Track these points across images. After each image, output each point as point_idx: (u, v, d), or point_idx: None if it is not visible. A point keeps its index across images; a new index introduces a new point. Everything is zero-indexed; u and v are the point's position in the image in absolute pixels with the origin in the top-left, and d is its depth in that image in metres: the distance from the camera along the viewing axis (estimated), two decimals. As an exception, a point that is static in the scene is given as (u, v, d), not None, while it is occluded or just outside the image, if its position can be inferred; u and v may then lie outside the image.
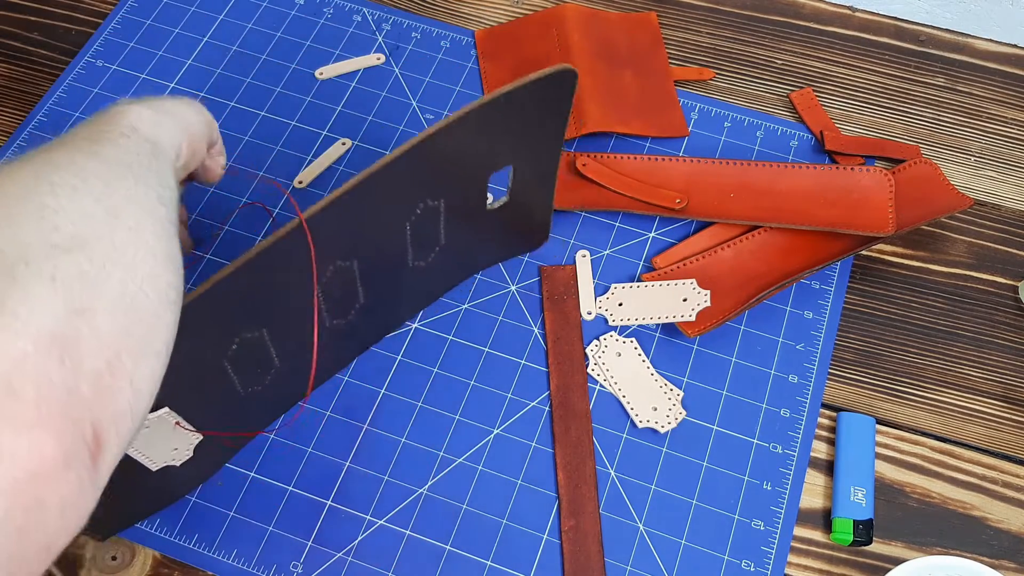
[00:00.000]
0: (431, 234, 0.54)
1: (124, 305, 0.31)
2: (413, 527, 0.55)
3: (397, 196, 0.48)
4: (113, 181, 0.33)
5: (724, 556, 0.54)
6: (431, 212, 0.52)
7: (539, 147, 0.53)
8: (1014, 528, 0.56)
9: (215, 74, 0.70)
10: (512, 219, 0.58)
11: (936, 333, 0.62)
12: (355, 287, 0.52)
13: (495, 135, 0.49)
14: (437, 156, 0.47)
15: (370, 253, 0.51)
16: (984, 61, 0.72)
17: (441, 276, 0.60)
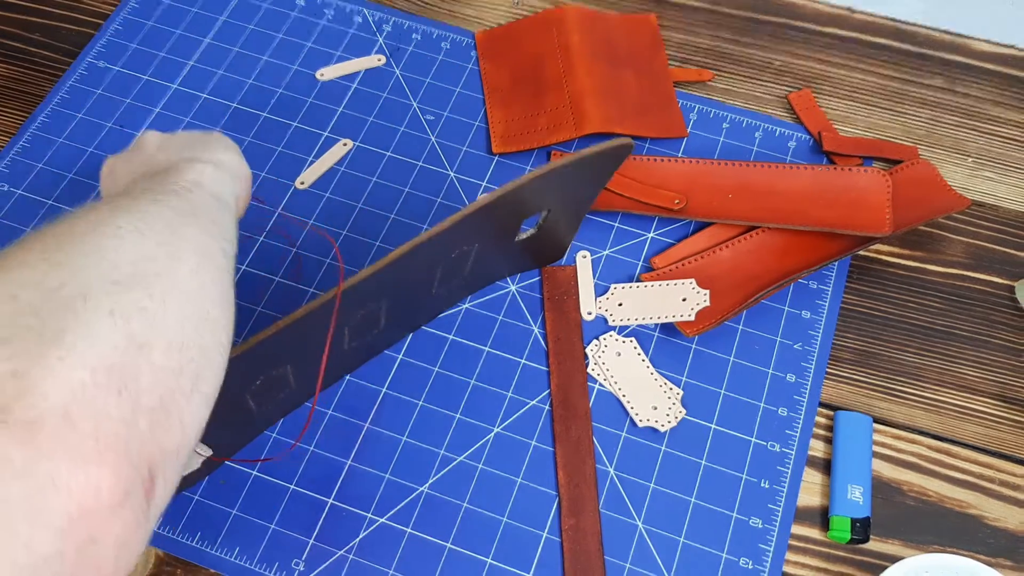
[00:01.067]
0: (458, 270, 0.55)
1: (180, 344, 0.30)
2: (414, 525, 0.55)
3: (438, 254, 0.49)
4: (179, 228, 0.34)
5: (723, 554, 0.54)
6: (464, 254, 0.53)
7: (580, 199, 0.55)
8: (1011, 526, 0.56)
9: (216, 75, 0.70)
10: (535, 245, 0.59)
11: (933, 333, 0.62)
12: (379, 317, 0.53)
13: (543, 196, 0.50)
14: (489, 215, 0.48)
15: (400, 295, 0.52)
16: (982, 62, 0.72)
17: (457, 294, 0.61)
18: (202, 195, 0.39)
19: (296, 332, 0.45)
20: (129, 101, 0.69)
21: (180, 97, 0.69)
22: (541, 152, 0.67)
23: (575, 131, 0.67)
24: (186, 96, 0.69)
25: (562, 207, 0.54)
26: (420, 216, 0.65)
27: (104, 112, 0.69)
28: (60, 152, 0.67)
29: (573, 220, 0.58)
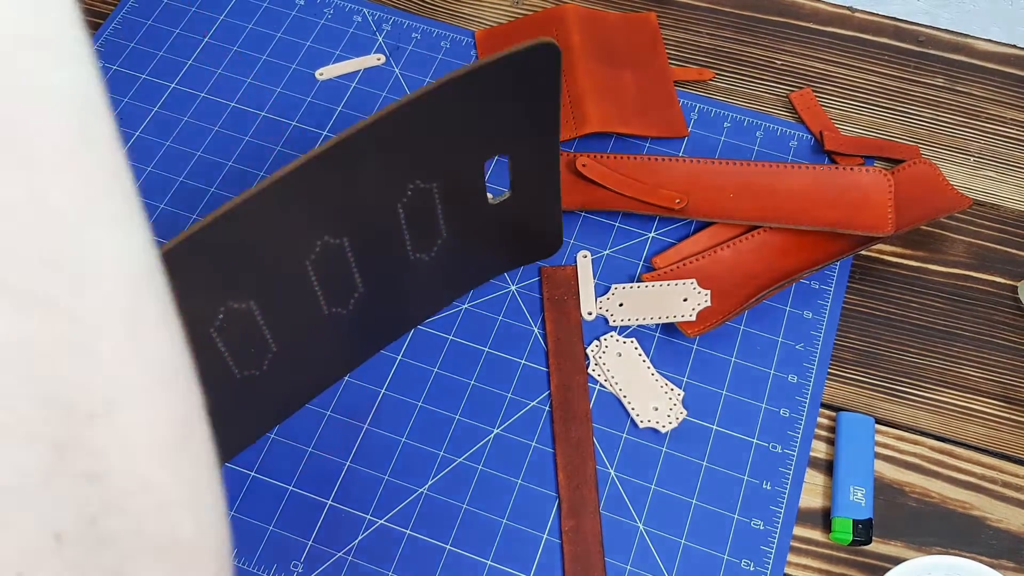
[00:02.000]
0: (429, 224, 0.53)
1: None
2: (413, 527, 0.55)
3: (383, 167, 0.47)
4: None
5: (724, 556, 0.54)
6: (424, 196, 0.51)
7: (533, 135, 0.52)
8: (1013, 528, 0.56)
9: (215, 74, 0.70)
10: (520, 222, 0.58)
11: (935, 333, 0.62)
12: (350, 271, 0.51)
13: (479, 112, 0.48)
14: (420, 127, 0.46)
15: (362, 233, 0.50)
16: (983, 61, 0.72)
17: (449, 277, 0.59)
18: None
19: (239, 228, 0.42)
20: (127, 100, 0.69)
21: (179, 96, 0.69)
22: (541, 152, 0.67)
23: (575, 131, 0.66)
24: (185, 95, 0.69)
25: (519, 152, 0.52)
26: (419, 216, 0.65)
27: (102, 111, 0.68)
28: (58, 151, 0.67)
29: (546, 182, 0.56)
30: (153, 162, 0.66)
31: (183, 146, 0.67)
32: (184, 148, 0.67)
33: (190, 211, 0.64)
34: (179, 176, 0.66)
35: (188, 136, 0.67)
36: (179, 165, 0.66)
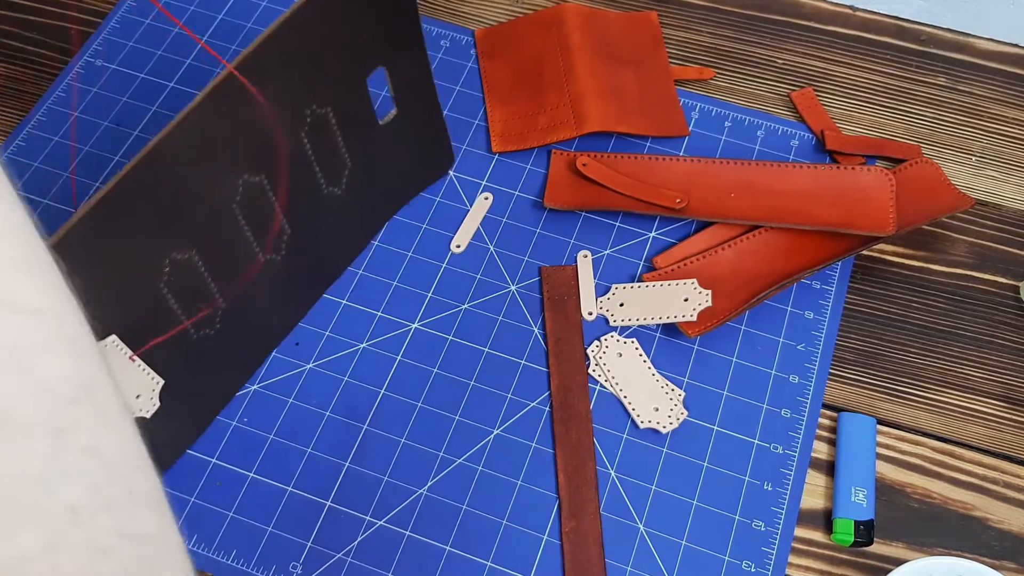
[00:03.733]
0: (334, 152, 0.55)
1: None
2: (413, 528, 0.54)
3: (279, 95, 0.49)
4: None
5: (725, 557, 0.54)
6: (323, 122, 0.53)
7: (400, 41, 0.55)
8: (1015, 529, 0.55)
9: (215, 74, 0.70)
10: (410, 138, 0.60)
11: (937, 333, 0.61)
12: (274, 209, 0.53)
13: (346, 26, 0.51)
14: (299, 47, 0.48)
15: (273, 169, 0.52)
16: (985, 61, 0.72)
17: (364, 211, 0.61)
18: None
19: (154, 174, 0.44)
20: (126, 100, 0.69)
21: (177, 96, 0.69)
22: (541, 151, 0.67)
23: (575, 130, 0.66)
24: (183, 95, 0.69)
25: (394, 64, 0.55)
26: (420, 215, 0.64)
27: (101, 111, 0.68)
28: (56, 151, 0.67)
29: (423, 92, 0.59)
30: (152, 162, 0.66)
31: (182, 146, 0.67)
32: (183, 148, 0.67)
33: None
34: (178, 176, 0.66)
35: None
36: (178, 165, 0.66)
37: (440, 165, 0.65)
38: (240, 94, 0.46)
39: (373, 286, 0.62)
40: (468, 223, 0.64)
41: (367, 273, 0.62)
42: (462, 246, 0.63)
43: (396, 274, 0.62)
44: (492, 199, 0.65)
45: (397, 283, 0.62)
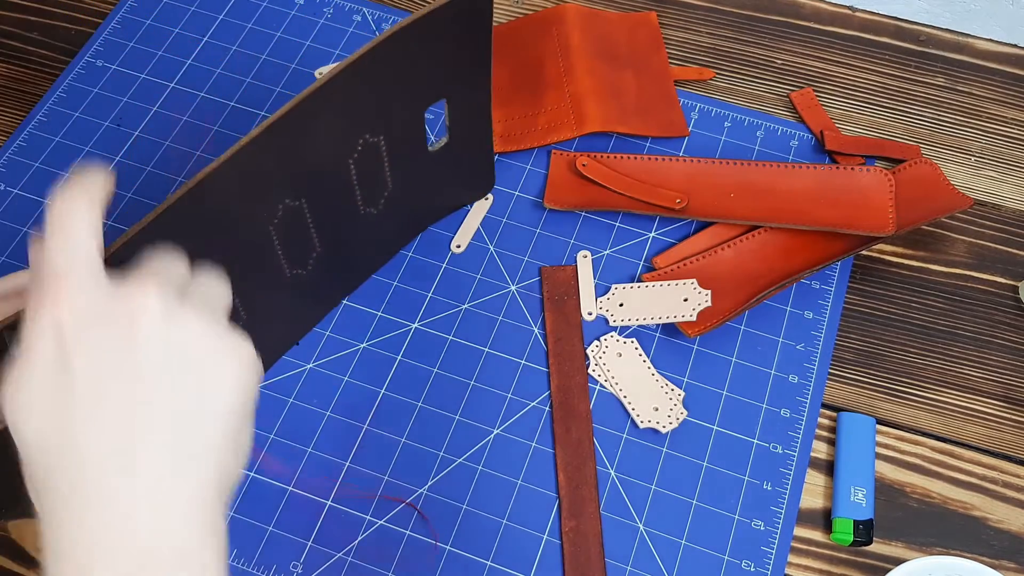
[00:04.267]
0: (377, 177, 0.54)
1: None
2: (413, 527, 0.55)
3: (335, 126, 0.48)
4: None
5: (724, 556, 0.54)
6: (373, 150, 0.52)
7: (468, 75, 0.54)
8: (1014, 528, 0.55)
9: (215, 74, 0.70)
10: (455, 166, 0.59)
11: (936, 333, 0.62)
12: (309, 232, 0.52)
13: (420, 60, 0.50)
14: (367, 82, 0.47)
15: (319, 193, 0.51)
16: (984, 61, 0.72)
17: (394, 227, 0.60)
18: None
19: (199, 206, 0.43)
20: (126, 100, 0.69)
21: (178, 96, 0.69)
22: (541, 151, 0.67)
23: (575, 130, 0.66)
24: (184, 95, 0.69)
25: (456, 93, 0.54)
26: (419, 216, 0.65)
27: (101, 111, 0.68)
28: (57, 151, 0.67)
29: (479, 121, 0.58)
30: (153, 162, 0.66)
31: (183, 146, 0.67)
32: (184, 148, 0.67)
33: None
34: (178, 176, 0.66)
35: (188, 135, 0.67)
36: (178, 164, 0.66)
37: (481, 187, 0.64)
38: (295, 130, 0.46)
39: (373, 286, 0.62)
40: (468, 223, 0.64)
41: (367, 273, 0.62)
42: (462, 246, 0.63)
43: (396, 274, 0.62)
44: (492, 199, 0.65)
45: (397, 283, 0.62)
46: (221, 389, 0.34)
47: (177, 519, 0.32)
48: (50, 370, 0.32)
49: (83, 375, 0.31)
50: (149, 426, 0.32)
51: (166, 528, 0.32)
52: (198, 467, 0.33)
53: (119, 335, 0.32)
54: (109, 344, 0.32)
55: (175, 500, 0.32)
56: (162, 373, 0.33)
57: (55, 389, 0.32)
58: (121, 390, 0.32)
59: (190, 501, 0.32)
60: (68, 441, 0.31)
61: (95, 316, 0.32)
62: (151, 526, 0.31)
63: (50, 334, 0.32)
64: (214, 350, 0.34)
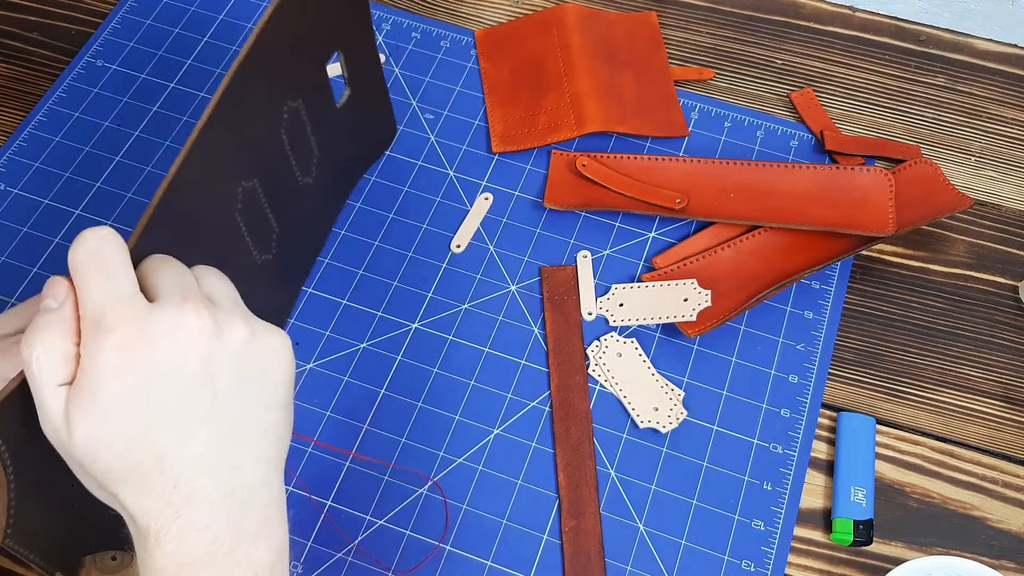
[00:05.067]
0: (304, 143, 0.56)
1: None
2: (413, 527, 0.55)
3: (262, 94, 0.50)
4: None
5: (724, 556, 0.54)
6: (296, 116, 0.54)
7: (353, 22, 0.57)
8: (1014, 528, 0.56)
9: (215, 74, 0.70)
10: (360, 115, 0.61)
11: (936, 333, 0.62)
12: (266, 213, 0.53)
13: (312, 15, 0.52)
14: (279, 45, 0.49)
15: (266, 169, 0.52)
16: (984, 61, 0.72)
17: (327, 194, 0.62)
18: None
19: (180, 198, 0.44)
20: (126, 100, 0.69)
21: (178, 96, 0.69)
22: (541, 151, 0.67)
23: (575, 130, 0.66)
24: (184, 95, 0.69)
25: (348, 48, 0.57)
26: (420, 215, 0.65)
27: (101, 111, 0.68)
28: (57, 151, 0.67)
29: (372, 70, 0.61)
30: (153, 162, 0.66)
31: (183, 146, 0.67)
32: (184, 148, 0.67)
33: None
34: (179, 176, 0.66)
35: (187, 136, 0.67)
36: (179, 165, 0.66)
37: (387, 135, 0.67)
38: (235, 104, 0.47)
39: (373, 286, 0.62)
40: (468, 223, 0.64)
41: (367, 273, 0.62)
42: (462, 246, 0.63)
43: (396, 274, 0.62)
44: (492, 199, 0.65)
45: (397, 283, 0.62)
46: (277, 381, 0.39)
47: (257, 499, 0.37)
48: (125, 394, 0.35)
49: (160, 394, 0.35)
50: (229, 432, 0.37)
51: (247, 512, 0.37)
52: (270, 454, 0.38)
53: (182, 355, 0.36)
54: (176, 365, 0.35)
55: (253, 485, 0.37)
56: (232, 381, 0.37)
57: (135, 411, 0.35)
58: (198, 403, 0.36)
59: (266, 483, 0.38)
60: (158, 452, 0.35)
61: (157, 342, 0.35)
62: (234, 508, 0.37)
63: (119, 363, 0.35)
64: (263, 347, 0.38)
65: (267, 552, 0.37)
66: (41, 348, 0.35)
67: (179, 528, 0.35)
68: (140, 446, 0.35)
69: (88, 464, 0.35)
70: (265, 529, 0.37)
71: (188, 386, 0.36)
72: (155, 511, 0.36)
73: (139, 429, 0.35)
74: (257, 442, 0.38)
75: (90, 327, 0.35)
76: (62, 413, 0.35)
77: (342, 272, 0.62)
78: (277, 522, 0.38)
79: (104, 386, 0.34)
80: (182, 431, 0.36)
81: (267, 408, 0.38)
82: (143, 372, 0.35)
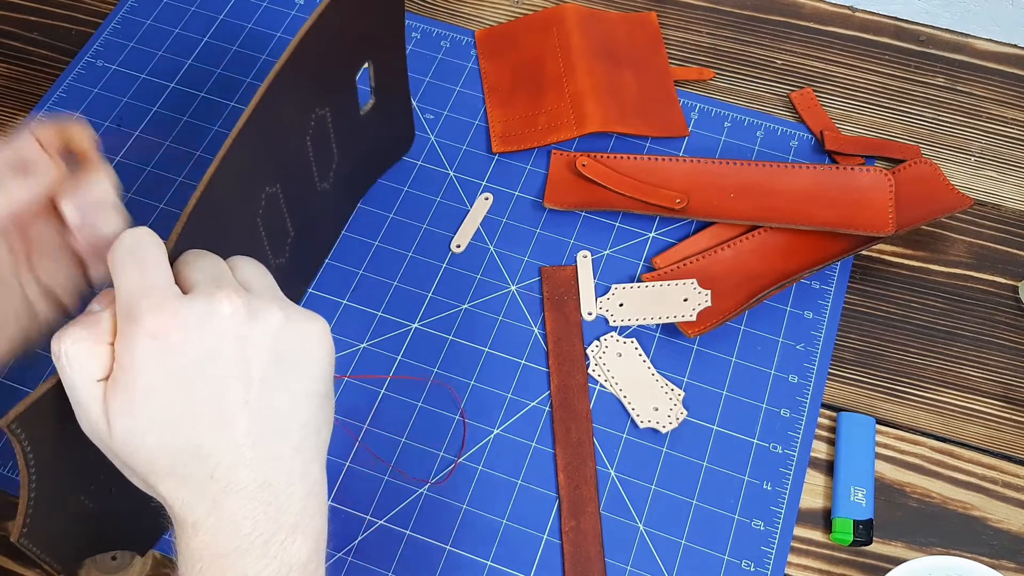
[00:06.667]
0: (327, 149, 0.56)
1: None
2: (413, 527, 0.55)
3: (295, 103, 0.50)
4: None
5: (724, 556, 0.54)
6: (322, 123, 0.54)
7: (386, 35, 0.57)
8: (1014, 528, 0.56)
9: (215, 74, 0.70)
10: (381, 123, 0.61)
11: (936, 333, 0.62)
12: (284, 218, 0.53)
13: (349, 26, 0.52)
14: (314, 56, 0.49)
15: (288, 175, 0.52)
16: (984, 61, 0.72)
17: (341, 200, 0.62)
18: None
19: (207, 216, 0.43)
20: (127, 100, 0.69)
21: (178, 95, 0.69)
22: (541, 151, 0.67)
23: (575, 130, 0.66)
24: (184, 94, 0.69)
25: (378, 59, 0.57)
26: (420, 215, 0.65)
27: (101, 111, 0.68)
28: (57, 151, 0.67)
29: (399, 81, 0.61)
30: (153, 162, 0.66)
31: (183, 146, 0.67)
32: (184, 148, 0.67)
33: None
34: (179, 176, 0.66)
35: (188, 136, 0.67)
36: (179, 165, 0.66)
37: (404, 142, 0.66)
38: (270, 114, 0.47)
39: (373, 286, 0.62)
40: (468, 223, 0.64)
41: (367, 273, 0.62)
42: (462, 246, 0.63)
43: (396, 274, 0.62)
44: (492, 199, 0.65)
45: (397, 283, 0.62)
46: (316, 368, 0.38)
47: (295, 491, 0.37)
48: (161, 384, 0.34)
49: (196, 382, 0.35)
50: (267, 422, 0.36)
51: (284, 504, 0.36)
52: (308, 445, 0.38)
53: (216, 342, 0.35)
54: (210, 351, 0.35)
55: (292, 477, 0.37)
56: (268, 367, 0.36)
57: (171, 401, 0.35)
58: (234, 391, 0.35)
59: (305, 474, 0.37)
60: (196, 442, 0.35)
61: (190, 329, 0.35)
62: (274, 495, 0.36)
63: (153, 352, 0.34)
64: (300, 332, 0.38)
65: (303, 545, 0.37)
66: (71, 342, 0.35)
67: (216, 519, 0.35)
68: (178, 436, 0.35)
69: (129, 457, 0.35)
70: (302, 522, 0.37)
71: (223, 373, 0.35)
72: (192, 501, 0.35)
73: (177, 418, 0.35)
74: (295, 432, 0.37)
75: (124, 318, 0.35)
76: (100, 409, 0.35)
77: (342, 272, 0.63)
78: (316, 515, 0.38)
79: (140, 377, 0.34)
80: (219, 420, 0.35)
81: (306, 396, 0.38)
82: (178, 360, 0.34)
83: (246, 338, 0.36)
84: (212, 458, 0.35)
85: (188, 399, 0.35)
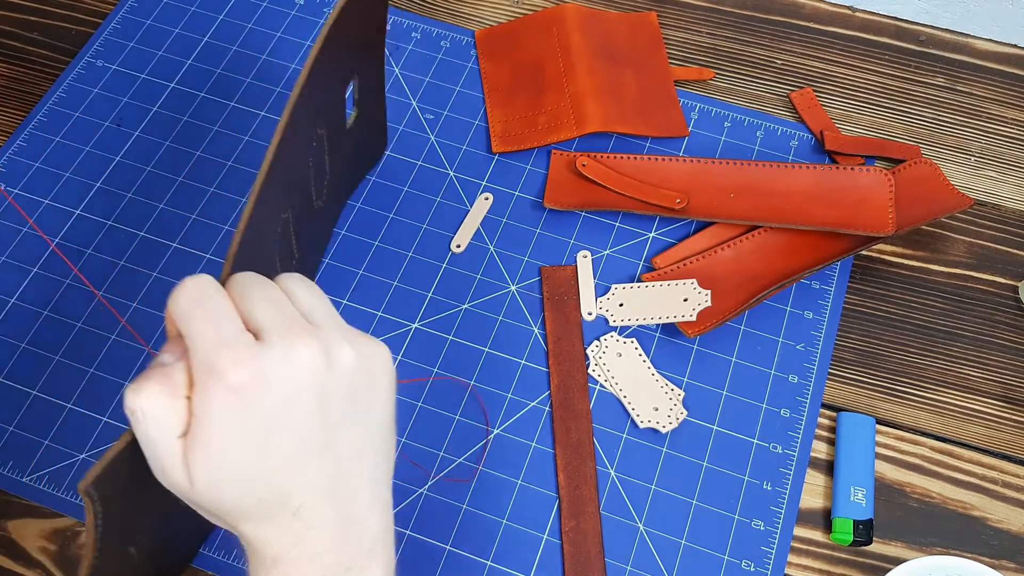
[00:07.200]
0: (321, 167, 0.56)
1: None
2: (413, 527, 0.55)
3: (302, 128, 0.50)
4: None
5: (724, 556, 0.54)
6: (321, 141, 0.54)
7: (369, 57, 0.58)
8: (1014, 528, 0.56)
9: (215, 74, 0.70)
10: (361, 135, 0.62)
11: (936, 333, 0.62)
12: (291, 240, 0.53)
13: (344, 43, 0.52)
14: (320, 78, 0.50)
15: (297, 197, 0.53)
16: (984, 61, 0.72)
17: (330, 215, 0.62)
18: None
19: (255, 238, 0.44)
20: (127, 100, 0.69)
21: (178, 96, 0.69)
22: (541, 151, 0.67)
23: (575, 130, 0.66)
24: (184, 95, 0.69)
25: (363, 73, 0.58)
26: (420, 215, 0.65)
27: (101, 111, 0.68)
28: (57, 151, 0.67)
29: (377, 93, 0.62)
30: (153, 162, 0.66)
31: (183, 146, 0.67)
32: (184, 148, 0.67)
33: (190, 211, 0.64)
34: (179, 176, 0.66)
35: (188, 136, 0.67)
36: (179, 165, 0.66)
37: (379, 152, 0.67)
38: (290, 142, 0.47)
39: (373, 286, 0.62)
40: (468, 223, 0.64)
41: (367, 273, 0.62)
42: (462, 246, 0.63)
43: (396, 274, 0.62)
44: (492, 199, 0.65)
45: (397, 283, 0.62)
46: (384, 399, 0.39)
47: (371, 519, 0.38)
48: (240, 436, 0.34)
49: (275, 431, 0.35)
50: (344, 459, 0.37)
51: (362, 533, 0.37)
52: (379, 474, 0.39)
53: (294, 391, 0.35)
54: (288, 400, 0.35)
55: (370, 506, 0.38)
56: (343, 408, 0.37)
57: (252, 451, 0.35)
58: (313, 437, 0.36)
59: (377, 499, 0.38)
60: (277, 487, 0.35)
61: (271, 381, 0.34)
62: (351, 528, 0.37)
63: (233, 405, 0.34)
64: (369, 367, 0.38)
65: (378, 567, 0.38)
66: (145, 398, 0.34)
67: (298, 554, 0.36)
68: (260, 485, 0.35)
69: (211, 505, 0.36)
70: (377, 547, 0.38)
71: (302, 421, 0.35)
72: (275, 539, 0.36)
73: (259, 469, 0.35)
74: (370, 461, 0.38)
75: (202, 373, 0.34)
76: (181, 464, 0.34)
77: (342, 272, 0.63)
78: (388, 537, 0.39)
79: (220, 431, 0.34)
80: (299, 465, 0.36)
81: (379, 426, 0.38)
82: (258, 414, 0.34)
83: (324, 384, 0.36)
84: (294, 500, 0.36)
85: (268, 448, 0.35)
